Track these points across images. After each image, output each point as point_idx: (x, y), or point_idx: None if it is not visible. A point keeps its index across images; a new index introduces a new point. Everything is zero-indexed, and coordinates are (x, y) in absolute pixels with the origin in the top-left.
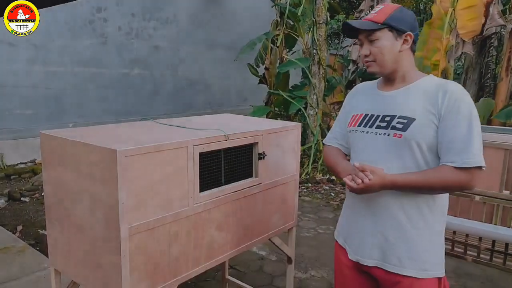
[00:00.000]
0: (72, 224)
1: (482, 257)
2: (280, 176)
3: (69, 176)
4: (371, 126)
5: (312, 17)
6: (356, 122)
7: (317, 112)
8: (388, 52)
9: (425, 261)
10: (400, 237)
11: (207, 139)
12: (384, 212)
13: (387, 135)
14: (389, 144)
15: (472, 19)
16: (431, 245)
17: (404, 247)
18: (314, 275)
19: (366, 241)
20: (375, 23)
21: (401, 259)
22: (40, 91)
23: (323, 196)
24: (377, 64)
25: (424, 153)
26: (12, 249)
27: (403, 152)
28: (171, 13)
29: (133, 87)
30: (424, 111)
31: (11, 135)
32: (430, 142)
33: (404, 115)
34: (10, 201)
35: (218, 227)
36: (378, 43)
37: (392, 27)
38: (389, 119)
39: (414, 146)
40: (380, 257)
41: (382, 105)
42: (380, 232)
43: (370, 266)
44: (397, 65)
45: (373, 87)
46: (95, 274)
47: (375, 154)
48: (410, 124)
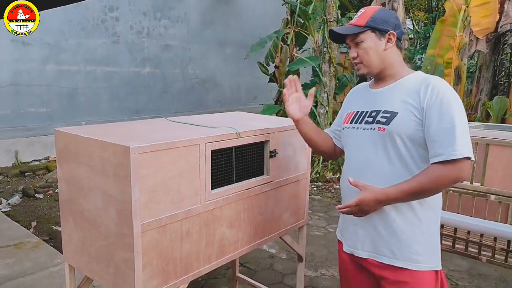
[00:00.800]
0: (86, 220)
1: (497, 258)
2: (291, 174)
3: (82, 173)
4: (360, 122)
5: (322, 15)
6: (348, 119)
7: (327, 111)
8: (373, 52)
9: (419, 253)
10: (391, 229)
11: (219, 137)
12: None
13: (372, 129)
14: (375, 138)
15: (486, 16)
16: (423, 237)
17: (395, 239)
18: (325, 274)
19: (358, 233)
20: (358, 27)
21: (393, 251)
22: (54, 89)
23: (333, 195)
24: (364, 65)
25: (407, 146)
26: (27, 245)
27: (387, 145)
28: (182, 11)
29: (144, 86)
30: (406, 105)
31: (25, 133)
32: (412, 134)
33: (388, 109)
34: (24, 197)
35: (230, 224)
36: (363, 45)
37: (374, 28)
38: (375, 114)
39: (397, 138)
40: (372, 249)
41: (370, 102)
42: (370, 224)
43: (363, 258)
44: (384, 63)
45: (366, 86)
46: (108, 269)
47: (363, 148)
48: (392, 118)
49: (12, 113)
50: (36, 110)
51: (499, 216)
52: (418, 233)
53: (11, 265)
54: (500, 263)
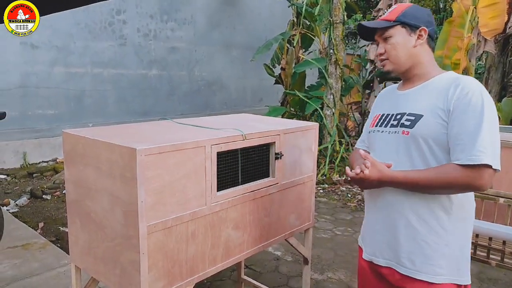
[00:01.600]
0: (92, 222)
1: (506, 262)
2: (297, 176)
3: (90, 174)
4: (386, 126)
5: (329, 17)
6: (374, 122)
7: (334, 112)
8: (401, 48)
9: (441, 266)
10: (412, 238)
11: (225, 139)
12: (393, 211)
13: (396, 133)
14: (399, 142)
15: (494, 17)
16: (448, 250)
17: (417, 250)
18: (331, 277)
19: (378, 240)
20: (388, 21)
21: (415, 262)
22: (61, 92)
23: (340, 198)
24: (391, 61)
25: (433, 150)
26: (34, 245)
27: (411, 149)
28: (188, 14)
29: (151, 88)
30: (433, 107)
31: (33, 135)
32: (438, 138)
33: (413, 112)
34: (32, 198)
35: (235, 226)
36: (391, 40)
37: (405, 23)
38: (399, 117)
39: (422, 142)
40: (392, 257)
41: (396, 104)
42: (389, 231)
43: (382, 266)
44: (413, 61)
45: (394, 88)
46: (114, 271)
47: (387, 152)
48: (417, 121)
49: (20, 115)
50: (44, 112)
51: (508, 219)
52: (443, 246)
53: (18, 266)
54: (510, 267)
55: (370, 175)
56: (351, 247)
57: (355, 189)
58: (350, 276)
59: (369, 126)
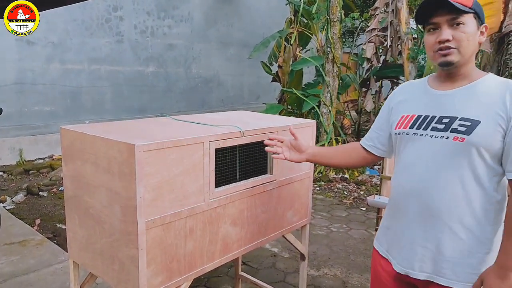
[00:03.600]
0: (91, 217)
1: None
2: (295, 173)
3: (88, 170)
4: (425, 128)
5: (326, 15)
6: (406, 124)
7: (330, 110)
8: (473, 40)
9: None
10: (458, 250)
11: (223, 135)
12: (437, 221)
13: (445, 138)
14: (446, 148)
15: (490, 16)
16: (490, 257)
17: (462, 260)
18: (327, 273)
19: (416, 253)
20: (464, 6)
21: (458, 273)
22: (58, 88)
23: (336, 195)
24: (460, 52)
25: (487, 162)
26: (31, 242)
27: (461, 158)
28: (186, 11)
29: (147, 85)
30: (492, 113)
31: (29, 131)
32: (495, 150)
33: (467, 116)
34: (28, 195)
35: (233, 222)
36: (465, 28)
37: (478, 14)
38: (447, 121)
39: (475, 153)
40: (433, 270)
41: (437, 105)
42: (432, 244)
43: (421, 280)
44: (471, 58)
45: (423, 86)
46: (112, 266)
47: (429, 160)
48: (475, 127)
49: (16, 112)
50: (41, 109)
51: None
52: (486, 254)
53: (15, 262)
54: None
55: (490, 285)
56: (346, 244)
57: (351, 186)
58: (345, 272)
59: (395, 128)
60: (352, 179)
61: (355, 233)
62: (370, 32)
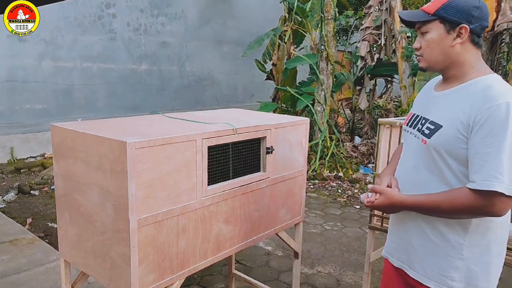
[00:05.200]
0: (82, 216)
1: None
2: (288, 171)
3: (79, 168)
4: (414, 127)
5: (320, 13)
6: (406, 121)
7: (324, 109)
8: (436, 47)
9: (453, 279)
10: (426, 247)
11: (215, 133)
12: (409, 216)
13: (418, 138)
14: (418, 149)
15: None
16: (463, 264)
17: (429, 257)
18: (321, 271)
19: (395, 241)
20: (426, 14)
21: (426, 269)
22: (50, 86)
23: (330, 193)
24: (425, 59)
25: (449, 165)
26: (22, 241)
27: (429, 159)
28: (179, 9)
29: (141, 83)
30: (453, 118)
31: (21, 130)
32: (454, 152)
33: (435, 120)
34: (19, 194)
35: (226, 220)
36: (427, 35)
37: (444, 18)
38: (423, 122)
39: (436, 155)
40: (405, 260)
41: (426, 106)
42: (405, 236)
43: (396, 267)
44: (449, 61)
45: (432, 86)
46: (104, 265)
47: (411, 155)
48: (436, 131)
49: (7, 110)
50: (32, 107)
51: None
52: (457, 259)
53: (6, 262)
54: None
55: (380, 203)
56: (340, 242)
57: (345, 184)
58: (339, 270)
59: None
60: (346, 177)
61: (349, 231)
62: (364, 30)
